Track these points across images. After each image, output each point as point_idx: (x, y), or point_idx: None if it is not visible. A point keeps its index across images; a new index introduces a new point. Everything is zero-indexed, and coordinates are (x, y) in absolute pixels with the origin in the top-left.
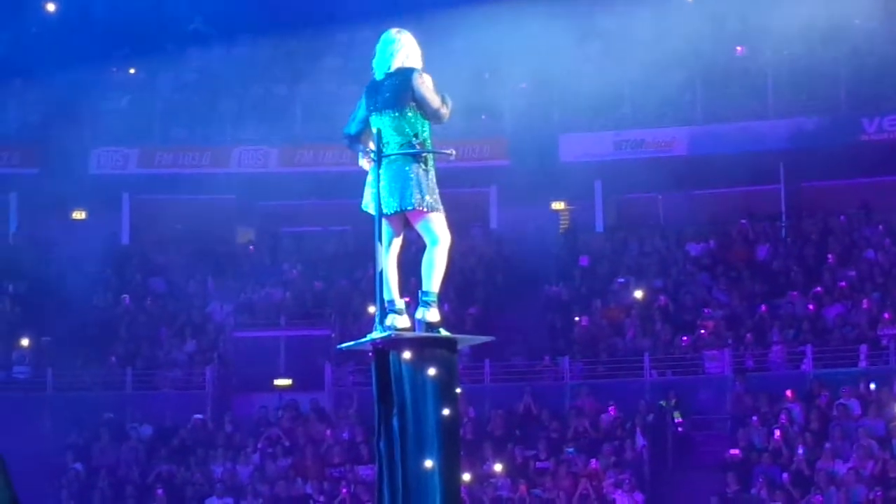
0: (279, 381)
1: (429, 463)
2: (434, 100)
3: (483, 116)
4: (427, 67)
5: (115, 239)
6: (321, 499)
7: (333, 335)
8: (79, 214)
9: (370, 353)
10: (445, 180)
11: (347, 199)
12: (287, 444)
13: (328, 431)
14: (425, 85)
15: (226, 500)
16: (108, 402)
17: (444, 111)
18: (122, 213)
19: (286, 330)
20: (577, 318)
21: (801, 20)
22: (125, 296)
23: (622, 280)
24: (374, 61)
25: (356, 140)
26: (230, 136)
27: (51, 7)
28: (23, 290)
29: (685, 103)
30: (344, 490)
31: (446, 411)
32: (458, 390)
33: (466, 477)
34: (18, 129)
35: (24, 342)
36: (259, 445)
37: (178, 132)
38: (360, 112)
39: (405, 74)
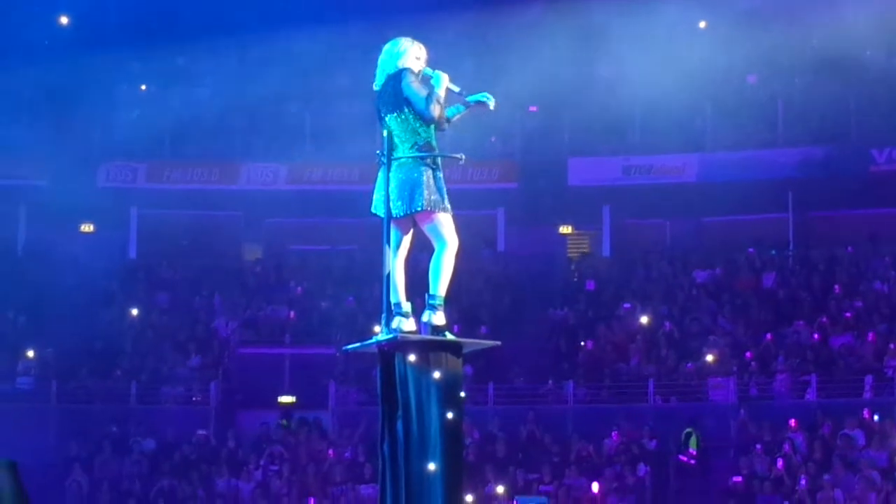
0: (283, 399)
1: (432, 466)
2: (419, 97)
3: (493, 139)
4: None
5: (122, 253)
6: None
7: (338, 354)
8: (87, 227)
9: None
10: (453, 202)
11: (355, 217)
12: (289, 461)
13: (330, 450)
14: (413, 84)
15: None
16: (111, 415)
17: (433, 111)
18: (130, 228)
19: (291, 348)
20: (582, 343)
21: (812, 50)
22: (131, 309)
23: (628, 305)
24: (377, 70)
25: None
26: (239, 152)
27: (64, 20)
28: (29, 302)
29: (695, 130)
30: None
31: (450, 415)
32: (463, 394)
33: (469, 498)
34: (28, 140)
35: (30, 353)
36: (261, 462)
37: (188, 148)
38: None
39: (398, 75)
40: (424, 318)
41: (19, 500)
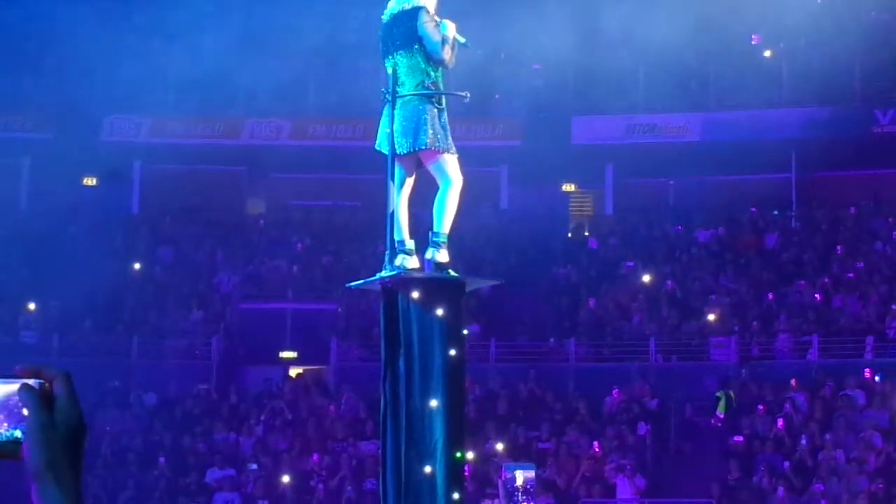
0: (285, 354)
1: (433, 402)
2: (433, 40)
3: (497, 96)
4: None
5: (125, 207)
6: (323, 472)
7: (340, 310)
8: (90, 181)
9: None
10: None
11: (358, 173)
12: (290, 416)
13: (331, 406)
14: (429, 24)
15: (227, 471)
16: (113, 369)
17: (445, 52)
18: (133, 182)
19: (293, 303)
20: (584, 301)
21: (817, 10)
22: (134, 264)
23: (630, 264)
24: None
25: None
26: (243, 107)
27: None
28: (32, 255)
29: (699, 89)
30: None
31: (452, 351)
32: (465, 332)
33: (470, 455)
34: (33, 93)
35: (32, 307)
36: (262, 417)
37: (192, 102)
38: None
39: (413, 13)
40: (428, 255)
41: (75, 409)
